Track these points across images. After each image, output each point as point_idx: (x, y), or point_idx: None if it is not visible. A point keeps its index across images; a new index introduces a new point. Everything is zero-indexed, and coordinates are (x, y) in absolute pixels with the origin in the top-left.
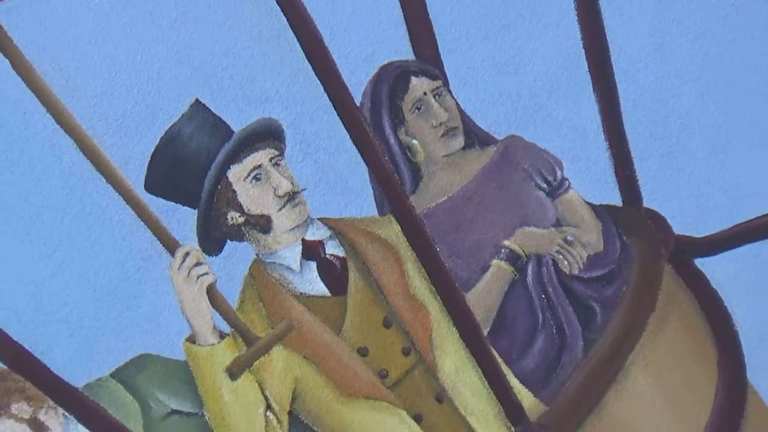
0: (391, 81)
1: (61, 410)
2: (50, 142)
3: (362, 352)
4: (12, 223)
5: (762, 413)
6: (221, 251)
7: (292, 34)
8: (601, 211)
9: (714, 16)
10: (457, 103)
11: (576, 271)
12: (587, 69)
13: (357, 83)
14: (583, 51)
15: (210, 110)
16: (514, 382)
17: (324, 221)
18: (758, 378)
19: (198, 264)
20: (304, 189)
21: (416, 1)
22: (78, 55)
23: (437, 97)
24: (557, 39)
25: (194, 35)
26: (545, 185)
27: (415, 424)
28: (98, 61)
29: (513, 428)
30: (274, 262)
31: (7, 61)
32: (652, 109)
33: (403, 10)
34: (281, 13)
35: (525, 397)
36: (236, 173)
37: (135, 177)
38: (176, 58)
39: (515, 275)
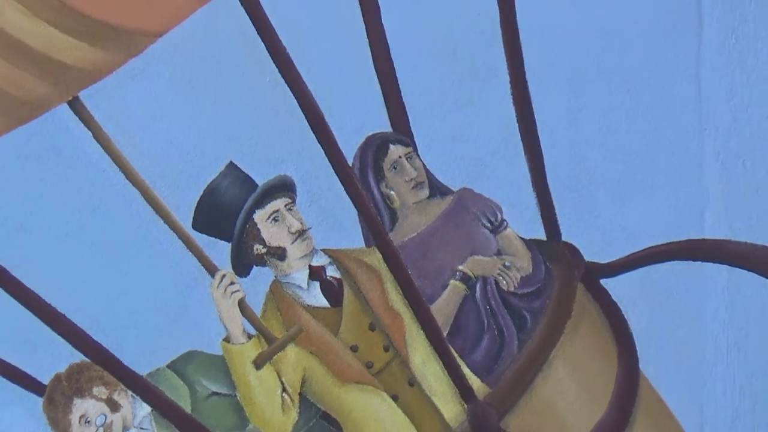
0: (375, 148)
1: (130, 392)
2: (122, 193)
3: (353, 349)
4: (93, 253)
5: (649, 392)
6: (249, 274)
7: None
8: (530, 244)
9: (614, 98)
10: (423, 164)
11: (512, 288)
12: (520, 139)
13: (349, 149)
14: (517, 126)
15: (240, 169)
16: (466, 371)
17: (325, 251)
18: (647, 368)
19: (231, 283)
20: (310, 228)
21: (393, 89)
22: (142, 127)
23: (409, 159)
24: (498, 117)
25: (228, 113)
26: (489, 225)
27: (393, 402)
28: (158, 132)
29: (465, 405)
30: (288, 282)
31: (89, 132)
32: (567, 168)
33: (383, 96)
34: (293, 97)
35: (474, 382)
36: (260, 216)
37: (185, 219)
38: (215, 131)
39: (467, 291)
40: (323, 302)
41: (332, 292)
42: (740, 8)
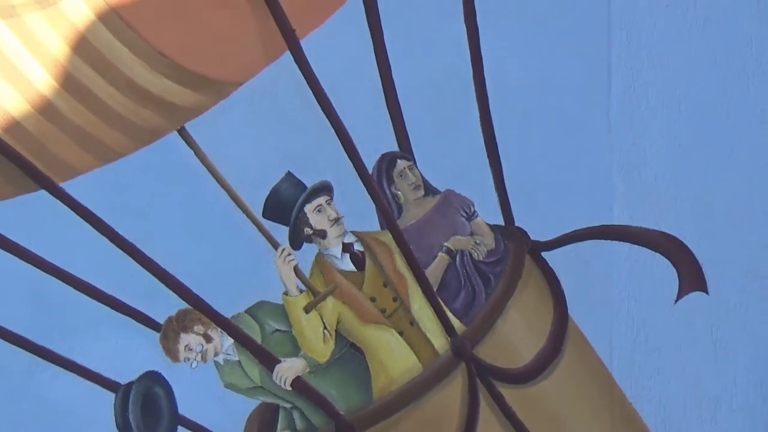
0: (387, 162)
1: (219, 329)
2: (214, 192)
3: (372, 300)
4: (196, 233)
5: (574, 330)
6: (300, 248)
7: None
8: (493, 227)
9: (550, 129)
10: (420, 173)
11: (481, 258)
12: (486, 157)
13: (369, 162)
14: (485, 148)
15: (295, 176)
16: (449, 315)
17: (353, 233)
18: (573, 313)
19: (289, 254)
20: (342, 216)
21: (399, 122)
22: (227, 147)
23: (410, 169)
24: (471, 141)
25: (285, 137)
26: (465, 214)
27: (399, 336)
28: (238, 150)
29: (449, 338)
30: (327, 254)
31: (191, 150)
32: (518, 177)
33: (393, 127)
34: (332, 127)
35: (455, 322)
36: (308, 208)
37: (257, 210)
38: (277, 150)
39: (450, 260)
40: (351, 267)
41: (357, 261)
42: (637, 67)
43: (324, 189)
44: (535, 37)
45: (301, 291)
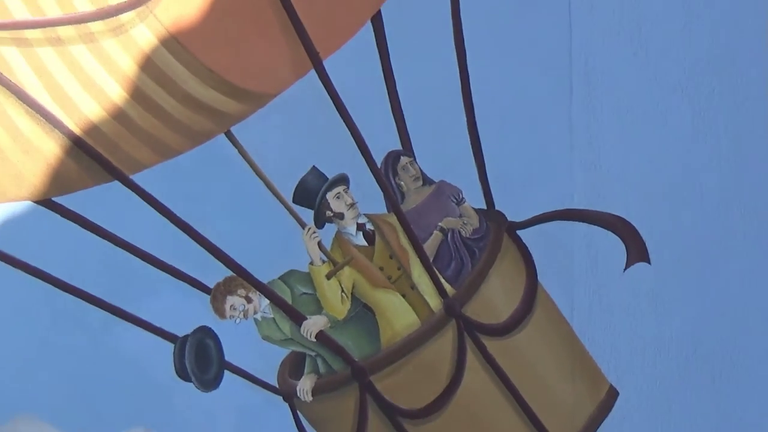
0: (393, 158)
1: (257, 292)
2: (253, 182)
3: (381, 269)
4: (240, 215)
5: (543, 295)
6: (323, 227)
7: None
8: (478, 210)
9: (521, 133)
10: (419, 166)
11: (467, 235)
12: (473, 155)
13: (378, 158)
14: (471, 148)
15: (318, 170)
16: (442, 281)
17: (365, 215)
18: (542, 279)
19: (314, 232)
20: (357, 202)
21: (403, 128)
22: (264, 146)
23: (411, 164)
24: (460, 143)
25: (310, 139)
26: (455, 200)
27: (402, 298)
28: (273, 147)
29: (442, 300)
30: (345, 232)
31: (236, 149)
32: (497, 173)
33: (398, 132)
34: (350, 133)
35: (447, 286)
36: (330, 195)
37: (288, 196)
38: (306, 149)
39: (443, 237)
40: (364, 243)
41: (369, 237)
42: (593, 82)
43: (342, 180)
44: (511, 58)
45: (324, 262)
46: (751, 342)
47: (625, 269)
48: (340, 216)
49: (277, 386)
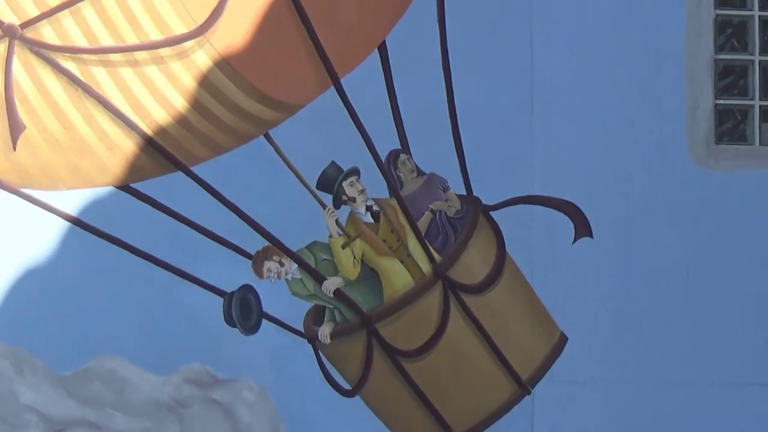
0: (394, 155)
1: (289, 258)
2: (284, 171)
3: (384, 241)
4: (272, 195)
5: (510, 263)
6: (340, 208)
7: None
8: (460, 196)
9: (488, 138)
10: (414, 162)
11: (452, 215)
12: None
13: (383, 154)
14: (456, 153)
15: (336, 163)
16: (431, 250)
17: (373, 199)
18: (509, 250)
19: (333, 211)
20: (365, 189)
21: (401, 130)
22: (294, 142)
23: (408, 160)
24: (446, 149)
25: (330, 144)
26: (442, 188)
27: (401, 264)
28: (300, 145)
29: (431, 264)
30: (357, 212)
31: (272, 146)
32: (472, 166)
33: (398, 136)
34: (363, 140)
35: (436, 255)
36: (345, 183)
37: (313, 183)
38: (329, 149)
39: (433, 216)
40: (371, 220)
41: (375, 216)
42: (550, 95)
43: (354, 171)
44: (486, 79)
45: (340, 235)
46: (669, 295)
47: (573, 242)
48: (353, 200)
49: (303, 331)
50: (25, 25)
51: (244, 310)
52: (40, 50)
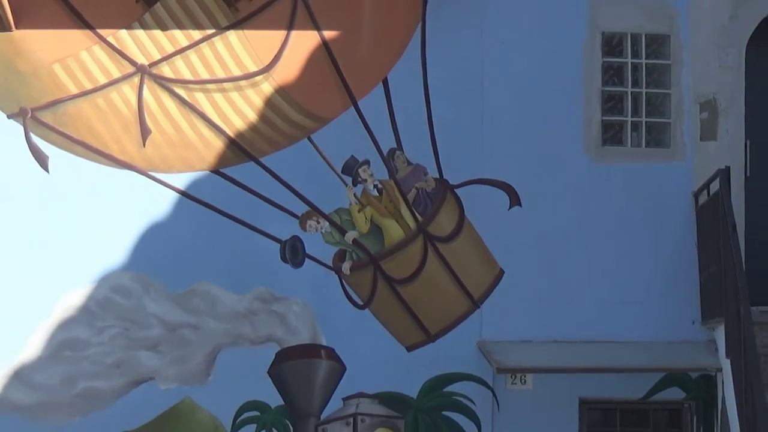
0: (392, 152)
1: (323, 219)
2: (316, 158)
3: (385, 207)
4: (310, 179)
5: (468, 223)
6: (356, 186)
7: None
8: (435, 179)
9: (451, 145)
10: (406, 157)
11: (429, 191)
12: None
13: (385, 150)
14: (434, 158)
15: (355, 156)
16: (416, 214)
17: (378, 180)
18: (468, 215)
19: (352, 188)
20: (374, 173)
21: (397, 134)
22: (327, 146)
23: (401, 155)
24: (429, 157)
25: (350, 143)
26: (424, 174)
27: (396, 223)
28: (331, 147)
29: (416, 223)
30: (367, 188)
31: (313, 148)
32: (445, 161)
33: (394, 135)
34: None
35: (419, 216)
36: (360, 170)
37: (339, 171)
38: (347, 148)
39: (417, 192)
40: (377, 194)
41: (380, 191)
42: (499, 103)
43: (366, 162)
44: (450, 101)
45: (356, 203)
46: (561, 248)
47: (509, 209)
48: (365, 180)
49: (332, 266)
50: (152, 65)
51: (293, 252)
52: (162, 81)
